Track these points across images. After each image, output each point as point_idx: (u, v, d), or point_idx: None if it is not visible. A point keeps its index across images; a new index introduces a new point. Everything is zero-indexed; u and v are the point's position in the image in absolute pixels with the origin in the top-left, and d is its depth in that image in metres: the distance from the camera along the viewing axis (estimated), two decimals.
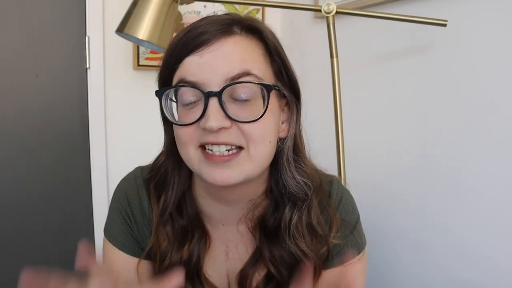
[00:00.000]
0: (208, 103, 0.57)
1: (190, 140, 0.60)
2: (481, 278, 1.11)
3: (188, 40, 0.60)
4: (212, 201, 0.70)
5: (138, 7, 1.21)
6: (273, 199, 0.70)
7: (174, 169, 0.70)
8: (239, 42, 0.61)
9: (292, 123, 0.67)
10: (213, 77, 0.58)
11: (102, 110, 1.61)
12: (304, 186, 0.67)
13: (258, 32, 0.63)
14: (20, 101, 1.52)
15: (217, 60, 0.59)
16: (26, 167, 1.53)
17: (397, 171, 1.33)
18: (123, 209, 0.74)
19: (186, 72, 0.60)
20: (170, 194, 0.69)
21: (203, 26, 0.61)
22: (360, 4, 1.39)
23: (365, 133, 1.43)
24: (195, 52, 0.59)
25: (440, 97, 1.20)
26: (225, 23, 0.61)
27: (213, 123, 0.56)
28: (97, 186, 1.62)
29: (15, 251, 1.53)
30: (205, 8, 1.69)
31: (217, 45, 0.59)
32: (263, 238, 0.70)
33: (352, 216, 0.74)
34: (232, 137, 0.59)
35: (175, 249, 0.69)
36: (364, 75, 1.44)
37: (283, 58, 0.65)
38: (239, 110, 0.59)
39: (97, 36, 1.57)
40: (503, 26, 1.05)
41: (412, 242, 1.29)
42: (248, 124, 0.59)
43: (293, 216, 0.67)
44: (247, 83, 0.59)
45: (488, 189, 1.10)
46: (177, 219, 0.70)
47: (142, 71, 1.65)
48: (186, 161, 0.64)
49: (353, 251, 0.72)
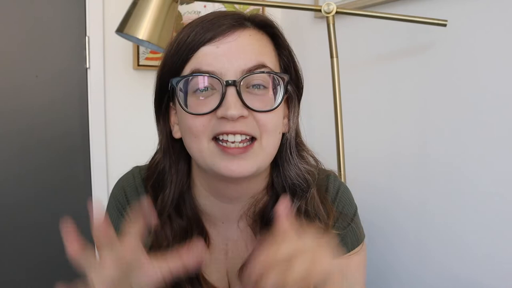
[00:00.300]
0: (226, 92, 0.58)
1: (203, 131, 0.60)
2: (481, 278, 1.11)
3: (204, 30, 0.61)
4: (214, 199, 0.70)
5: (138, 7, 1.21)
6: (274, 193, 0.70)
7: (172, 167, 0.69)
8: (254, 35, 0.63)
9: (293, 117, 0.68)
10: (230, 67, 0.59)
11: (102, 110, 1.61)
12: (306, 174, 0.69)
13: (269, 27, 0.65)
14: (20, 101, 1.52)
15: (233, 51, 0.60)
16: (25, 167, 1.53)
17: (397, 170, 1.33)
18: (121, 206, 0.73)
19: (202, 62, 0.60)
20: (168, 193, 0.68)
21: (217, 19, 0.62)
22: (360, 4, 1.39)
23: (365, 133, 1.43)
24: (212, 41, 0.60)
25: (440, 97, 1.20)
26: (238, 17, 0.63)
27: (234, 111, 0.57)
28: (97, 185, 1.62)
29: (15, 251, 1.52)
30: (205, 8, 1.70)
31: (233, 37, 0.60)
32: (264, 233, 0.69)
33: (349, 209, 0.74)
34: (248, 127, 0.59)
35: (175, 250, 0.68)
36: (364, 75, 1.44)
37: (291, 53, 0.67)
38: (254, 100, 0.60)
39: (97, 36, 1.58)
40: (503, 26, 1.05)
41: (412, 241, 1.29)
42: (264, 114, 0.60)
43: (293, 206, 0.68)
44: (265, 74, 0.60)
45: (488, 189, 1.10)
46: (176, 220, 0.69)
47: (142, 71, 1.65)
48: (197, 154, 0.62)
49: (351, 243, 0.72)
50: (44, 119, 1.55)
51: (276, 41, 0.66)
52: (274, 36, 0.65)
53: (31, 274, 1.54)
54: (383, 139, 1.38)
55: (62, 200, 1.59)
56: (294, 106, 0.68)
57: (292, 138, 0.69)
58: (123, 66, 1.63)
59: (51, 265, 1.57)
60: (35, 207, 1.55)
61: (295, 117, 0.69)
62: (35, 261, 1.55)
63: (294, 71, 0.67)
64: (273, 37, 0.65)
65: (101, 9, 1.56)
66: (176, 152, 0.69)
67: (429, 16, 1.10)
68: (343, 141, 1.18)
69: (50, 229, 1.58)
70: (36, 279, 1.55)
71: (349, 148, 1.22)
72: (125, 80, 1.64)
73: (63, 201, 1.59)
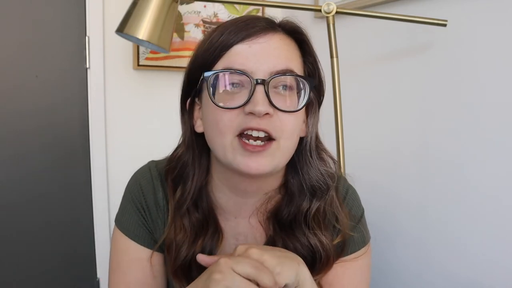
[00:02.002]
0: (255, 90, 0.61)
1: (230, 127, 0.62)
2: (481, 278, 1.11)
3: (238, 29, 0.64)
4: (229, 192, 0.72)
5: (138, 7, 1.21)
6: (288, 193, 0.72)
7: (195, 161, 0.71)
8: (283, 40, 0.66)
9: (313, 123, 0.71)
10: (260, 67, 0.62)
11: (102, 110, 1.61)
12: (327, 176, 0.71)
13: (299, 33, 0.68)
14: (20, 101, 1.52)
15: (264, 52, 0.63)
16: (26, 167, 1.53)
17: (397, 170, 1.33)
18: (137, 200, 0.74)
19: (234, 60, 0.63)
20: (190, 186, 0.70)
21: (251, 20, 0.65)
22: (360, 4, 1.39)
23: (365, 132, 1.43)
24: (246, 40, 0.63)
25: (440, 97, 1.20)
26: (271, 21, 0.67)
27: (262, 107, 0.60)
28: (97, 186, 1.62)
29: (16, 251, 1.52)
30: (205, 8, 1.69)
31: (265, 38, 0.64)
32: (277, 229, 0.71)
33: (356, 210, 0.77)
34: (271, 126, 0.62)
35: (190, 242, 0.70)
36: (364, 75, 1.44)
37: (316, 60, 0.70)
38: (280, 100, 0.63)
39: (97, 36, 1.58)
40: (503, 26, 1.05)
41: (412, 241, 1.29)
42: (287, 114, 0.63)
43: (312, 206, 0.70)
44: (293, 77, 0.64)
45: (488, 188, 1.10)
46: (193, 212, 0.71)
47: (142, 71, 1.64)
48: (219, 148, 0.64)
49: (357, 244, 0.74)
50: (44, 119, 1.55)
51: (303, 47, 0.69)
52: (302, 42, 0.69)
53: (31, 275, 1.54)
54: (383, 139, 1.38)
55: (62, 200, 1.59)
56: (314, 112, 0.71)
57: (313, 142, 0.71)
58: (123, 66, 1.63)
59: (51, 266, 1.57)
60: (35, 208, 1.55)
61: (316, 122, 0.71)
62: (36, 262, 1.55)
63: (318, 78, 0.70)
64: (300, 44, 0.69)
65: (101, 9, 1.56)
66: (200, 146, 0.71)
67: (429, 16, 1.10)
68: (343, 141, 1.19)
69: (50, 230, 1.58)
70: (36, 280, 1.55)
71: (349, 148, 1.22)
72: (125, 80, 1.64)
73: (63, 201, 1.59)
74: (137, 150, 1.12)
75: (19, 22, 1.49)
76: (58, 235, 1.59)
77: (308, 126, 0.71)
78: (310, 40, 0.70)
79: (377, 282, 1.35)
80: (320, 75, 0.71)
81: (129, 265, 0.73)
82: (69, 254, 1.59)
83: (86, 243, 1.61)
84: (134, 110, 1.65)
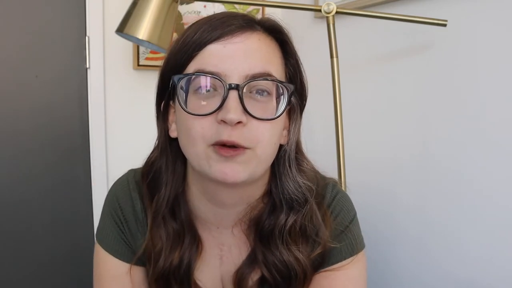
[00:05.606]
0: (228, 95, 0.55)
1: (202, 135, 0.57)
2: (481, 279, 1.11)
3: (212, 27, 0.58)
4: (209, 203, 0.68)
5: (138, 7, 1.21)
6: (271, 202, 0.68)
7: (168, 166, 0.67)
8: (262, 40, 0.61)
9: (294, 129, 0.66)
10: (234, 70, 0.57)
11: (102, 110, 1.61)
12: (305, 189, 0.66)
13: (279, 33, 0.63)
14: (20, 101, 1.52)
15: (240, 53, 0.58)
16: (26, 167, 1.53)
17: (397, 171, 1.33)
18: (115, 214, 0.71)
19: (207, 62, 0.58)
20: (164, 193, 0.66)
21: (227, 18, 0.60)
22: (360, 4, 1.39)
23: (365, 133, 1.43)
24: (219, 40, 0.58)
25: (440, 97, 1.20)
26: (248, 18, 0.61)
27: (233, 115, 0.55)
28: (97, 185, 1.62)
29: (15, 251, 1.52)
30: (205, 8, 1.69)
31: (241, 38, 0.58)
32: (257, 241, 0.68)
33: (345, 216, 0.71)
34: (244, 137, 0.57)
35: (167, 252, 0.66)
36: (364, 75, 1.44)
37: (299, 62, 0.65)
38: (256, 107, 0.58)
39: (97, 36, 1.57)
40: (503, 26, 1.05)
41: (412, 242, 1.29)
42: (264, 122, 0.58)
43: (289, 219, 0.66)
44: (270, 81, 0.58)
45: (488, 189, 1.10)
46: (170, 221, 0.67)
47: (142, 71, 1.65)
48: (194, 157, 0.60)
49: (344, 253, 0.69)
50: (44, 119, 1.55)
51: (284, 48, 0.64)
52: (283, 42, 0.63)
53: (31, 274, 1.54)
54: (383, 139, 1.38)
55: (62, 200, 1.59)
56: (296, 118, 0.66)
57: (292, 151, 0.66)
58: (123, 66, 1.63)
59: (51, 265, 1.57)
60: (35, 207, 1.55)
61: (296, 129, 0.66)
62: (35, 261, 1.55)
63: (300, 81, 0.65)
64: (281, 44, 0.63)
65: (101, 9, 1.56)
66: (173, 152, 0.67)
67: (429, 16, 1.10)
68: (343, 142, 1.18)
69: (50, 229, 1.58)
70: (36, 279, 1.55)
71: (349, 149, 1.22)
72: (125, 80, 1.64)
73: (63, 201, 1.59)
74: (137, 150, 1.10)
75: (19, 22, 1.49)
76: (58, 234, 1.58)
77: (290, 133, 0.65)
78: (292, 40, 0.64)
79: (376, 283, 1.35)
80: (302, 79, 0.65)
81: (110, 280, 0.70)
82: (68, 252, 1.59)
83: (86, 242, 1.61)
84: (134, 110, 1.65)
